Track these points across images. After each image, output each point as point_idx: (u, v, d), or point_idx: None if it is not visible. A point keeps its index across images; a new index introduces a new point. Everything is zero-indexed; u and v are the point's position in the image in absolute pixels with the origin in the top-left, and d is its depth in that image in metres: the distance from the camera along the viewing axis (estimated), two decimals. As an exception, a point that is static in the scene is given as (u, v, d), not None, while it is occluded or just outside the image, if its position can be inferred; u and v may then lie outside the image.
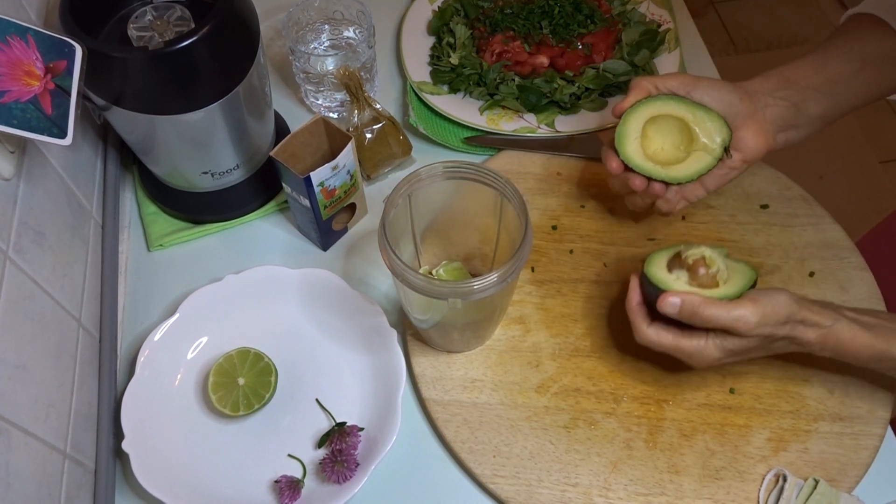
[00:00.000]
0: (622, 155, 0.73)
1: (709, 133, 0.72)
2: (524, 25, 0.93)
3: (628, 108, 0.74)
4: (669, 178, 0.73)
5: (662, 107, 0.74)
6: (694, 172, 0.73)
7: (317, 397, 0.74)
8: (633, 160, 0.73)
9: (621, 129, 0.74)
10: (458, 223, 0.74)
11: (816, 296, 0.79)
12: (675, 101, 0.73)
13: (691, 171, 0.73)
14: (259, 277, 0.78)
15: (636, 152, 0.73)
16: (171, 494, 0.67)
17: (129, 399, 0.71)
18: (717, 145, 0.72)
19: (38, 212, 0.67)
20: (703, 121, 0.72)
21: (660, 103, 0.74)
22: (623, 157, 0.73)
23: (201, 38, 0.66)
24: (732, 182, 0.85)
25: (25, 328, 0.61)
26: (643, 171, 0.73)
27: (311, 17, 0.90)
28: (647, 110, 0.74)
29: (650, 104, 0.74)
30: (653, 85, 0.74)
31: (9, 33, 0.59)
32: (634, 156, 0.73)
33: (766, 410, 0.72)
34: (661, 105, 0.74)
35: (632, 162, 0.73)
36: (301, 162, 0.78)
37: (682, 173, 0.73)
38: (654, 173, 0.73)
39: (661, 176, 0.73)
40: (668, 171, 0.73)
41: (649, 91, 0.74)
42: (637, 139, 0.74)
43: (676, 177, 0.73)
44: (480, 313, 0.70)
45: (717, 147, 0.72)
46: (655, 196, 0.74)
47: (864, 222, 1.02)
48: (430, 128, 0.91)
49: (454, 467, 0.72)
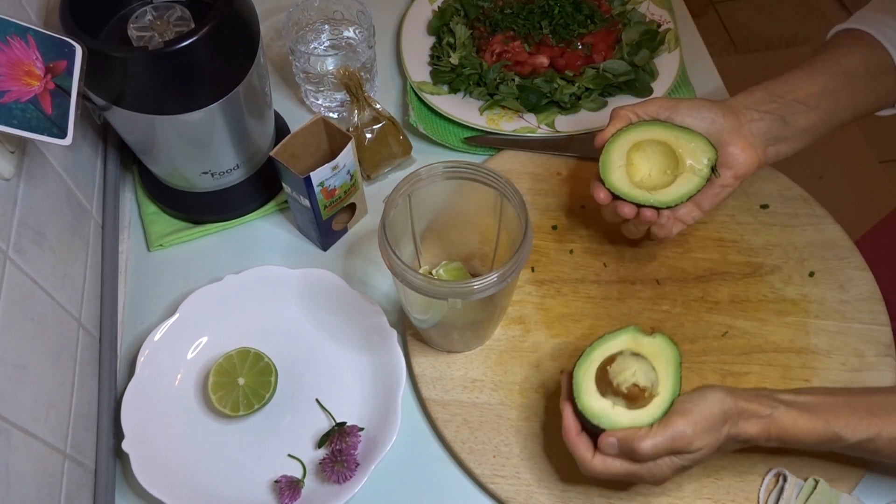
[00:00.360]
0: (608, 184, 0.72)
1: (694, 154, 0.72)
2: (524, 25, 0.93)
3: (610, 138, 0.73)
4: (657, 202, 0.71)
5: (645, 133, 0.73)
6: (683, 195, 0.72)
7: (317, 397, 0.74)
8: (620, 188, 0.72)
9: (605, 158, 0.73)
10: (458, 223, 0.74)
11: (816, 296, 0.79)
12: (657, 125, 0.73)
13: (679, 193, 0.72)
14: (259, 277, 0.78)
15: (622, 180, 0.72)
16: (171, 494, 0.67)
17: (129, 399, 0.71)
18: (704, 166, 0.71)
19: (38, 212, 0.67)
20: (687, 142, 0.72)
21: (642, 129, 0.73)
22: (609, 186, 0.72)
23: (201, 38, 0.66)
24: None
25: (25, 328, 0.61)
26: (630, 199, 0.72)
27: (311, 17, 0.90)
28: (630, 137, 0.73)
29: (632, 131, 0.73)
30: (633, 112, 0.74)
31: (9, 33, 0.59)
32: (620, 183, 0.72)
33: (766, 410, 0.72)
34: (643, 131, 0.73)
35: (618, 190, 0.72)
36: (301, 162, 0.78)
37: (670, 196, 0.72)
38: (642, 199, 0.71)
39: (648, 201, 0.71)
40: (655, 196, 0.72)
41: (629, 119, 0.74)
42: (622, 167, 0.73)
43: (664, 200, 0.72)
44: (480, 313, 0.70)
45: (703, 167, 0.71)
46: (648, 222, 0.73)
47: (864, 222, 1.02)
48: (430, 128, 0.91)
49: (454, 467, 0.72)
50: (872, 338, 0.76)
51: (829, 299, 0.78)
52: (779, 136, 0.73)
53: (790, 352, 0.75)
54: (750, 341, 0.76)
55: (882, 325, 0.77)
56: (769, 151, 0.73)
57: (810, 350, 0.76)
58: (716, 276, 0.80)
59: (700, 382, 0.74)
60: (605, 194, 0.73)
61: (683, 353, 0.75)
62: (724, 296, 0.79)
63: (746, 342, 0.76)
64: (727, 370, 0.74)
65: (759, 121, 0.72)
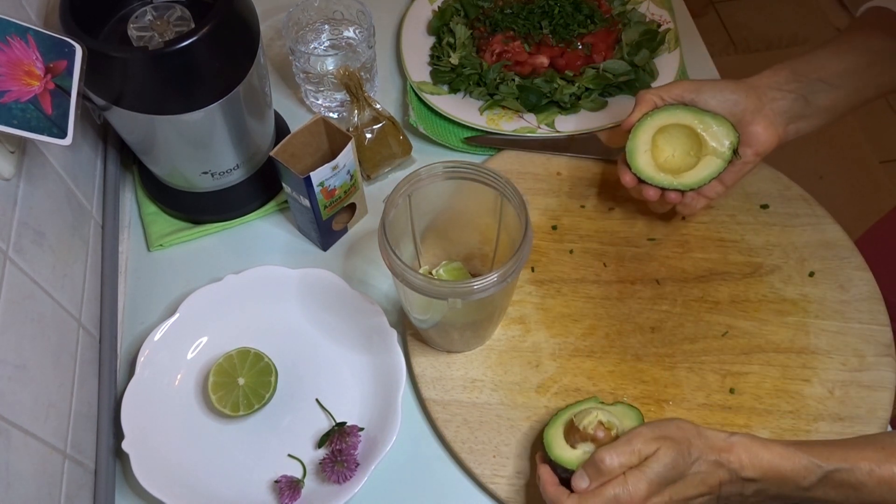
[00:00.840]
0: (634, 168, 0.76)
1: (717, 137, 0.75)
2: (524, 25, 0.93)
3: (636, 123, 0.76)
4: (681, 185, 0.75)
5: (669, 117, 0.76)
6: (705, 177, 0.75)
7: (317, 397, 0.74)
8: (645, 172, 0.76)
9: (631, 143, 0.76)
10: (458, 223, 0.74)
11: (816, 296, 0.79)
12: (682, 109, 0.76)
13: (702, 176, 0.75)
14: (259, 277, 0.78)
15: (647, 164, 0.76)
16: (171, 494, 0.66)
17: (129, 399, 0.71)
18: (726, 148, 0.74)
19: (38, 212, 0.67)
20: (710, 126, 0.75)
21: (666, 114, 0.76)
22: (635, 171, 0.76)
23: (201, 38, 0.66)
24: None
25: (25, 328, 0.61)
26: (655, 183, 0.76)
27: (311, 17, 0.90)
28: (655, 122, 0.76)
29: (657, 116, 0.76)
30: (657, 96, 0.76)
31: (9, 33, 0.59)
32: (646, 168, 0.76)
33: (766, 410, 0.72)
34: (667, 115, 0.76)
35: (643, 174, 0.76)
36: (301, 162, 0.78)
37: (693, 179, 0.76)
38: (666, 183, 0.76)
39: (672, 185, 0.75)
40: (679, 179, 0.76)
41: (654, 103, 0.76)
42: (647, 151, 0.76)
43: (687, 183, 0.76)
44: (480, 313, 0.70)
45: (726, 150, 0.74)
46: (673, 203, 0.77)
47: (864, 222, 1.02)
48: (430, 128, 0.91)
49: (454, 467, 0.72)
50: (872, 338, 0.76)
51: (829, 299, 0.78)
52: (800, 114, 0.75)
53: (790, 352, 0.75)
54: (750, 341, 0.76)
55: (882, 325, 0.77)
56: (789, 129, 0.75)
57: (810, 350, 0.76)
58: (716, 276, 0.80)
59: (700, 382, 0.74)
60: (630, 178, 0.77)
61: (683, 353, 0.76)
62: (724, 296, 0.79)
63: (746, 342, 0.76)
64: (727, 370, 0.74)
65: (780, 100, 0.74)
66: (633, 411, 0.67)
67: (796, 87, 0.74)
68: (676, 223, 0.84)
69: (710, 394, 0.73)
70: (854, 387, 0.73)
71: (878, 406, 0.72)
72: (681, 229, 0.83)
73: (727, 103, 0.74)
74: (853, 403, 0.72)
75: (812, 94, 0.74)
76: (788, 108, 0.74)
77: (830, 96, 0.74)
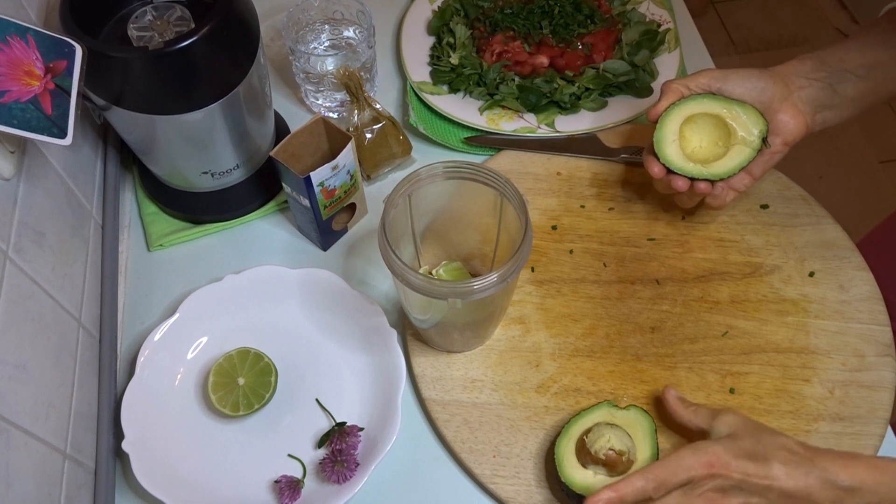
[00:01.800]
0: (662, 159, 0.75)
1: (745, 126, 0.74)
2: (524, 25, 0.93)
3: (663, 112, 0.75)
4: (711, 175, 0.74)
5: (697, 106, 0.75)
6: (735, 166, 0.74)
7: (317, 397, 0.74)
8: (674, 163, 0.75)
9: (658, 133, 0.75)
10: (458, 223, 0.74)
11: (816, 296, 0.79)
12: (709, 98, 0.75)
13: (732, 165, 0.74)
14: (259, 277, 0.78)
15: (676, 154, 0.75)
16: (171, 494, 0.67)
17: (129, 399, 0.71)
18: (756, 137, 0.74)
19: (38, 212, 0.67)
20: (739, 115, 0.74)
21: (694, 103, 0.76)
22: (664, 161, 0.75)
23: (201, 38, 0.66)
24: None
25: (25, 328, 0.61)
26: (685, 173, 0.75)
27: (311, 17, 0.90)
28: (682, 111, 0.76)
29: (684, 105, 0.76)
30: (684, 86, 0.76)
31: (9, 33, 0.59)
32: (675, 158, 0.75)
33: (766, 410, 0.72)
34: (695, 105, 0.76)
35: (673, 164, 0.75)
36: (301, 162, 0.78)
37: (724, 169, 0.75)
38: (696, 173, 0.74)
39: (702, 175, 0.74)
40: (709, 169, 0.75)
41: (681, 93, 0.76)
42: (675, 141, 0.75)
43: (718, 173, 0.75)
44: (480, 313, 0.70)
45: (755, 139, 0.74)
46: (702, 194, 0.76)
47: (864, 222, 1.02)
48: (430, 128, 0.91)
49: (454, 467, 0.72)
50: (872, 338, 0.76)
51: (829, 299, 0.78)
52: (827, 103, 0.74)
53: (790, 352, 0.75)
54: (750, 341, 0.76)
55: (882, 325, 0.77)
56: (817, 118, 0.75)
57: (810, 350, 0.76)
58: (716, 276, 0.80)
59: (700, 382, 0.74)
60: (659, 168, 0.75)
61: (683, 353, 0.76)
62: (724, 296, 0.79)
63: (746, 342, 0.76)
64: (727, 370, 0.74)
65: (807, 88, 0.74)
66: (645, 419, 0.68)
67: (823, 75, 0.73)
68: (676, 223, 0.84)
69: (710, 394, 0.73)
70: (854, 387, 0.73)
71: (878, 406, 0.72)
72: (680, 229, 0.83)
73: (754, 91, 0.74)
74: (853, 403, 0.72)
75: (839, 83, 0.74)
76: (815, 96, 0.74)
77: (858, 87, 0.74)
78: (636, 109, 0.90)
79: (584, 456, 0.65)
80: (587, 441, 0.65)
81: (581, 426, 0.68)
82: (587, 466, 0.65)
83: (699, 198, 0.77)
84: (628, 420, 0.68)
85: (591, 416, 0.68)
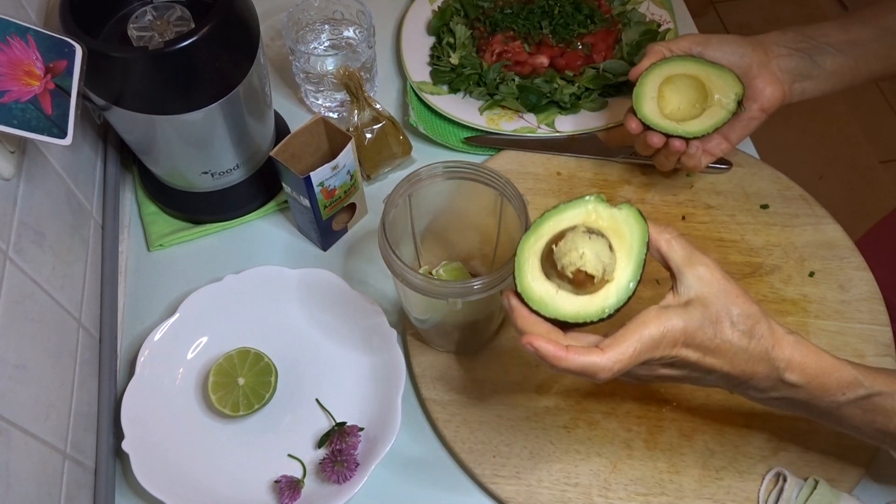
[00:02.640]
0: (639, 114, 0.77)
1: (722, 89, 0.76)
2: (524, 25, 0.93)
3: (644, 71, 0.77)
4: (685, 132, 0.76)
5: (677, 67, 0.77)
6: (710, 126, 0.76)
7: (317, 397, 0.74)
8: (650, 118, 0.77)
9: (638, 90, 0.77)
10: (458, 223, 0.74)
11: (816, 296, 0.79)
12: (689, 60, 0.77)
13: (707, 125, 0.76)
14: (259, 277, 0.78)
15: (653, 111, 0.77)
16: (171, 494, 0.67)
17: (129, 399, 0.71)
18: (731, 100, 0.75)
19: (38, 212, 0.67)
20: (717, 78, 0.76)
21: (674, 64, 0.77)
22: (640, 117, 0.77)
23: (201, 38, 0.66)
24: (732, 182, 0.86)
25: (25, 328, 0.61)
26: (660, 129, 0.76)
27: (311, 17, 0.90)
28: (662, 71, 0.77)
29: (665, 65, 0.77)
30: (666, 48, 0.78)
31: (9, 33, 0.59)
32: (651, 115, 0.77)
33: (765, 410, 0.72)
34: (675, 66, 0.77)
35: (649, 120, 0.77)
36: (301, 162, 0.77)
37: (698, 128, 0.76)
38: (670, 129, 0.76)
39: (676, 131, 0.76)
40: (684, 127, 0.76)
41: (663, 54, 0.78)
42: (653, 99, 0.77)
43: (692, 131, 0.76)
44: (480, 313, 0.70)
45: (731, 101, 0.75)
46: (677, 152, 0.77)
47: (864, 222, 1.02)
48: (430, 128, 0.91)
49: (454, 467, 0.72)
50: (872, 338, 0.76)
51: (829, 299, 0.78)
52: (805, 73, 0.76)
53: (790, 352, 0.75)
54: (750, 341, 0.76)
55: (882, 325, 0.77)
56: (795, 87, 0.76)
57: (810, 350, 0.75)
58: (716, 276, 0.80)
59: (700, 382, 0.74)
60: (636, 124, 0.77)
61: (683, 352, 0.75)
62: (724, 296, 0.79)
63: (746, 342, 0.76)
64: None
65: (786, 56, 0.75)
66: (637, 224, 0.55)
67: (803, 46, 0.75)
68: (676, 223, 0.84)
69: (710, 394, 0.73)
70: (854, 387, 0.73)
71: (878, 406, 0.72)
72: (680, 228, 0.83)
73: (734, 56, 0.75)
74: (853, 403, 0.72)
75: (819, 55, 0.75)
76: (795, 66, 0.75)
77: (837, 60, 0.75)
78: (636, 109, 0.90)
79: (549, 265, 0.53)
80: (555, 251, 0.52)
81: (554, 225, 0.55)
82: (551, 278, 0.53)
83: (675, 157, 0.78)
84: (615, 224, 0.55)
85: (569, 214, 0.55)
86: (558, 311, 0.53)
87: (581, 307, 0.53)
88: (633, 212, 0.55)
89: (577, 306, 0.53)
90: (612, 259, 0.53)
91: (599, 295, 0.53)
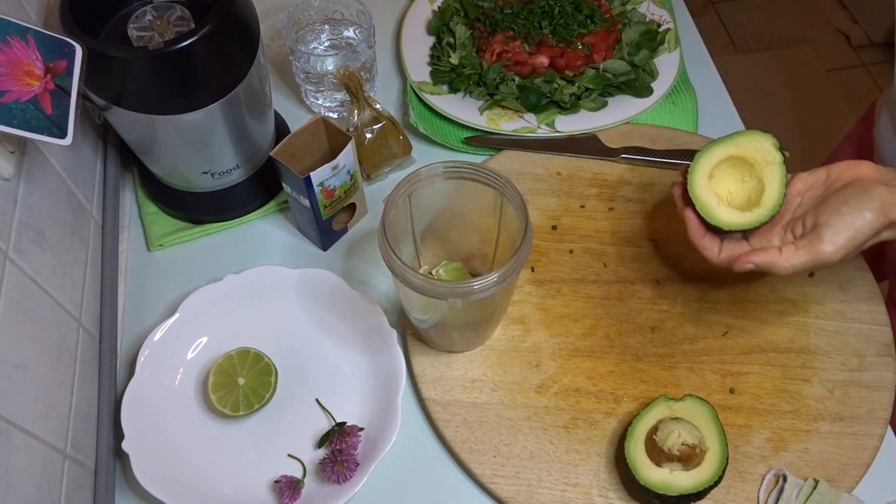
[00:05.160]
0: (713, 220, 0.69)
1: (757, 149, 0.69)
2: (524, 25, 0.93)
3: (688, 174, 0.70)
4: (762, 216, 0.67)
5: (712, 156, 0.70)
6: (777, 186, 0.67)
7: (317, 397, 0.74)
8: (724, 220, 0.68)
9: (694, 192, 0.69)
10: (458, 223, 0.74)
11: (816, 296, 0.79)
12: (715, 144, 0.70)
13: (776, 187, 0.67)
14: (259, 277, 0.78)
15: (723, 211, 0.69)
16: (171, 494, 0.67)
17: (129, 399, 0.71)
18: (771, 150, 0.68)
19: (38, 212, 0.67)
20: (747, 143, 0.69)
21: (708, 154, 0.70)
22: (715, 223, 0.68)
23: (201, 38, 0.66)
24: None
25: (25, 328, 0.61)
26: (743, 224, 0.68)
27: (311, 17, 0.90)
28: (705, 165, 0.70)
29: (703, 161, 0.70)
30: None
31: (9, 33, 0.59)
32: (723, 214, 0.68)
33: (766, 410, 0.72)
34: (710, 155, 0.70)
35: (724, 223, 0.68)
36: (301, 162, 0.78)
37: (772, 199, 0.67)
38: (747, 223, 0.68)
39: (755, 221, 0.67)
40: (759, 212, 0.67)
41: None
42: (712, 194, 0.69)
43: (770, 205, 0.67)
44: (480, 313, 0.70)
45: (774, 152, 0.68)
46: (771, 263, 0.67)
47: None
48: (430, 128, 0.91)
49: (454, 467, 0.72)
50: (872, 338, 0.76)
51: (829, 299, 0.78)
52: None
53: (790, 352, 0.75)
54: (750, 341, 0.76)
55: (882, 325, 0.77)
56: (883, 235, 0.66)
57: (810, 350, 0.76)
58: (716, 277, 0.80)
59: (700, 382, 0.74)
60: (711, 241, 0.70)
61: (683, 353, 0.76)
62: (724, 296, 0.79)
63: (746, 342, 0.76)
64: (727, 370, 0.74)
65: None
66: (703, 405, 0.69)
67: None
68: (677, 223, 0.84)
69: (710, 394, 0.73)
70: (854, 387, 0.73)
71: (878, 406, 0.72)
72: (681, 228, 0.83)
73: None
74: (853, 403, 0.72)
75: None
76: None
77: None
78: (636, 109, 0.90)
79: (656, 455, 0.66)
80: (657, 440, 0.66)
81: (645, 425, 0.68)
82: (661, 465, 0.66)
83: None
84: (688, 411, 0.69)
85: (652, 414, 0.69)
86: (677, 488, 0.65)
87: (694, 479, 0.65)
88: (694, 399, 0.70)
89: (691, 479, 0.65)
90: (700, 433, 0.67)
91: (704, 465, 0.66)
